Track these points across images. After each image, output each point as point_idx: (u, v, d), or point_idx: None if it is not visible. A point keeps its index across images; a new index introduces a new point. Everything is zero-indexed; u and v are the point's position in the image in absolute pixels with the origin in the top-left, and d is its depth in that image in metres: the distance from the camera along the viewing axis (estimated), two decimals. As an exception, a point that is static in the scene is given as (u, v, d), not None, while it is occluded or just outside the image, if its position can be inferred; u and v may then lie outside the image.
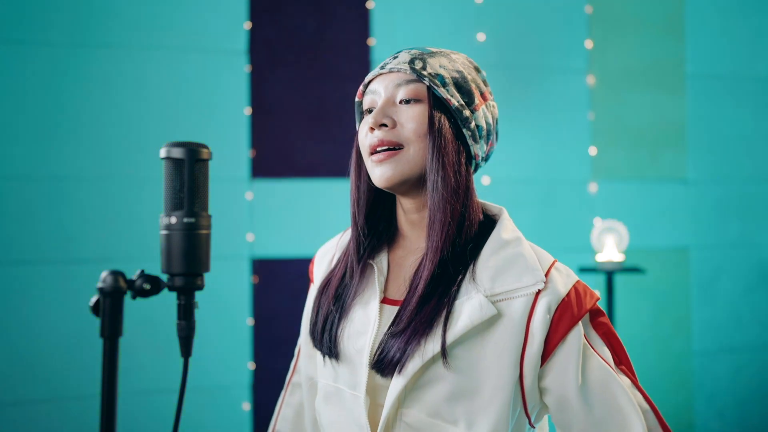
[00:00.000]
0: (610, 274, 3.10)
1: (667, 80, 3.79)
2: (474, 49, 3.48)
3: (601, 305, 3.53)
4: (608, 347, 1.09)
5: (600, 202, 3.66)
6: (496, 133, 1.17)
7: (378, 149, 1.09)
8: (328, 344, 1.14)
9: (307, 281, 1.46)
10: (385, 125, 1.09)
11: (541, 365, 1.05)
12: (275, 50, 3.25)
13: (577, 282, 1.09)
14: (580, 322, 1.06)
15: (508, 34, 3.55)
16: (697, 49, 3.83)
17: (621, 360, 1.10)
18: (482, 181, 3.45)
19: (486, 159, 1.18)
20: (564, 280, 1.08)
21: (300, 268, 3.22)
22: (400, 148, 1.09)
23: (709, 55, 3.85)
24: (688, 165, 3.81)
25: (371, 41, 3.36)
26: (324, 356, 1.16)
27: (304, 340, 1.29)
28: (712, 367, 3.82)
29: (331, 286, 1.19)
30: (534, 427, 1.11)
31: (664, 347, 3.75)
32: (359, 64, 3.32)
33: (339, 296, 1.17)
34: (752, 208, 3.91)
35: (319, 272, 1.27)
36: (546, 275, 1.07)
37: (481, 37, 3.50)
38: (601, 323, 1.10)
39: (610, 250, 3.15)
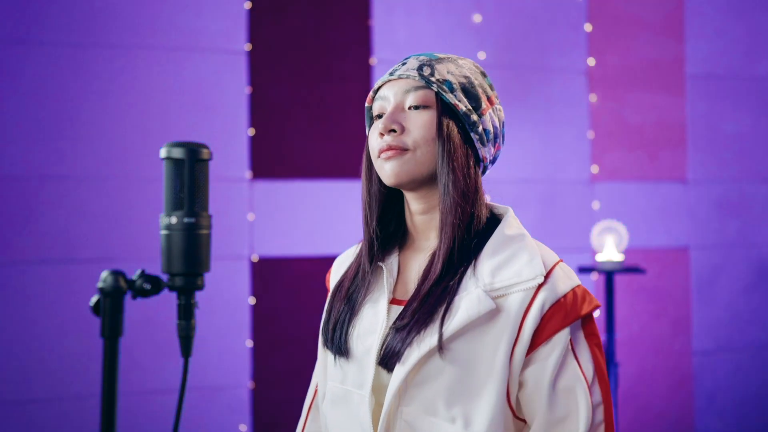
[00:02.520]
0: (609, 274, 3.10)
1: (666, 80, 3.80)
2: (474, 49, 3.48)
3: (600, 305, 3.54)
4: (593, 359, 1.09)
5: (600, 202, 3.67)
6: (503, 136, 1.21)
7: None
8: (338, 342, 1.16)
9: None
10: (394, 131, 1.12)
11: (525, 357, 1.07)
12: (275, 50, 3.25)
13: (578, 286, 1.10)
14: (569, 327, 1.07)
15: (508, 35, 3.55)
16: (697, 49, 3.83)
17: (599, 372, 1.10)
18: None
19: (493, 161, 1.21)
20: (565, 280, 1.09)
21: (300, 268, 3.23)
22: (407, 150, 1.12)
23: (709, 55, 3.85)
24: (688, 165, 3.82)
25: (371, 41, 3.36)
26: (334, 356, 1.18)
27: (321, 354, 1.28)
28: (712, 366, 3.82)
29: (344, 286, 1.21)
30: (523, 420, 1.10)
31: (664, 347, 3.75)
32: (359, 65, 3.32)
33: (350, 296, 1.19)
34: (751, 208, 3.91)
35: (335, 281, 1.28)
36: (549, 272, 1.09)
37: (481, 37, 3.50)
38: (593, 333, 1.11)
39: (609, 250, 3.15)
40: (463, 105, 1.12)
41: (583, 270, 3.15)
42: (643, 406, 3.67)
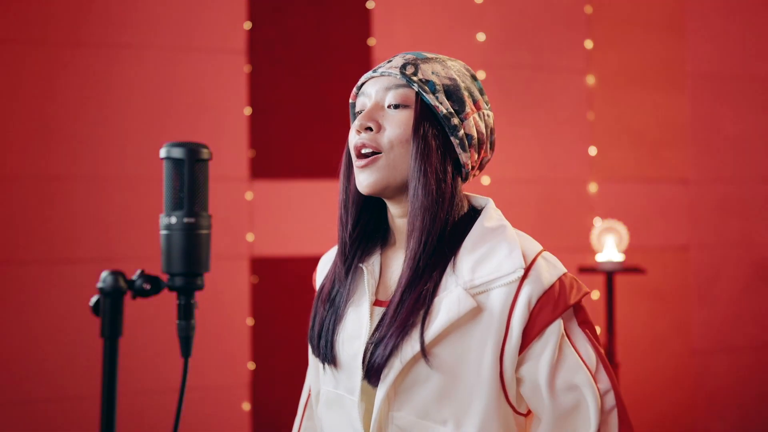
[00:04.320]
0: (610, 274, 3.10)
1: (667, 80, 3.79)
2: (474, 49, 3.48)
3: (600, 305, 3.54)
4: (593, 347, 1.07)
5: (600, 202, 3.66)
6: (491, 143, 1.16)
7: (362, 152, 1.10)
8: (324, 350, 1.14)
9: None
10: (369, 128, 1.09)
11: (518, 354, 1.05)
12: (275, 50, 3.25)
13: (564, 274, 1.08)
14: (560, 318, 1.05)
15: (508, 34, 3.55)
16: (697, 49, 3.83)
17: (601, 359, 1.08)
18: (482, 181, 3.45)
19: (480, 167, 1.17)
20: (550, 270, 1.06)
21: (300, 268, 3.22)
22: (379, 153, 1.09)
23: (709, 55, 3.85)
24: (689, 165, 3.81)
25: (371, 41, 3.36)
26: (323, 363, 1.16)
27: (312, 357, 1.28)
28: (712, 366, 3.82)
29: (325, 289, 1.19)
30: (524, 415, 1.10)
31: (664, 347, 3.75)
32: (359, 64, 3.32)
33: (333, 301, 1.17)
34: (752, 207, 3.91)
35: (320, 280, 1.27)
36: (531, 264, 1.06)
37: (481, 37, 3.50)
38: (586, 320, 1.09)
39: (610, 249, 3.15)
40: (444, 107, 1.09)
41: (583, 270, 3.15)
42: (643, 406, 3.67)
